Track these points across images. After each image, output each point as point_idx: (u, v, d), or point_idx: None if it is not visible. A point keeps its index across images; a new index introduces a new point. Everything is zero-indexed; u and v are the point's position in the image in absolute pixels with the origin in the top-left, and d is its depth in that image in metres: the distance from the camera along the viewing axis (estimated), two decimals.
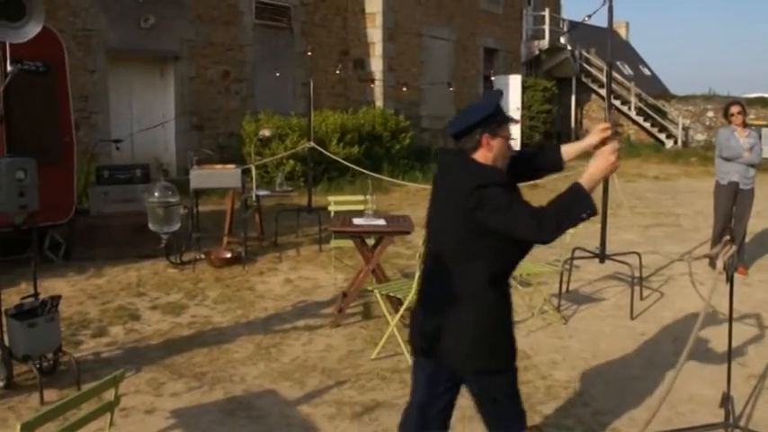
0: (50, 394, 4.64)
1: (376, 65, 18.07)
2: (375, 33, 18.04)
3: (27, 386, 4.78)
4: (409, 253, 8.72)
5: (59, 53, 8.04)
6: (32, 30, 5.22)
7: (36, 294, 5.00)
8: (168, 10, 14.01)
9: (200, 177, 8.22)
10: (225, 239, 8.94)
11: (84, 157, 10.03)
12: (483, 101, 2.95)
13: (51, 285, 7.09)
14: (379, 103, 17.88)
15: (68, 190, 8.23)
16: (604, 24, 6.71)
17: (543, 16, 24.61)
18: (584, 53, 26.55)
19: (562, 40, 25.63)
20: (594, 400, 4.65)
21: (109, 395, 2.87)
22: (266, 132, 9.80)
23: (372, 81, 17.72)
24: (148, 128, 12.97)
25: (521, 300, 6.47)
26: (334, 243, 7.42)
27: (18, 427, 2.29)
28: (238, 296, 6.96)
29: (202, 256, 8.18)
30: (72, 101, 8.45)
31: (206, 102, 14.94)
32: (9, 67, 5.01)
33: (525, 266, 6.31)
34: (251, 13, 15.78)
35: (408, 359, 5.08)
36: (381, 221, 6.27)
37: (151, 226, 7.63)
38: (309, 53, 10.47)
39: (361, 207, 6.97)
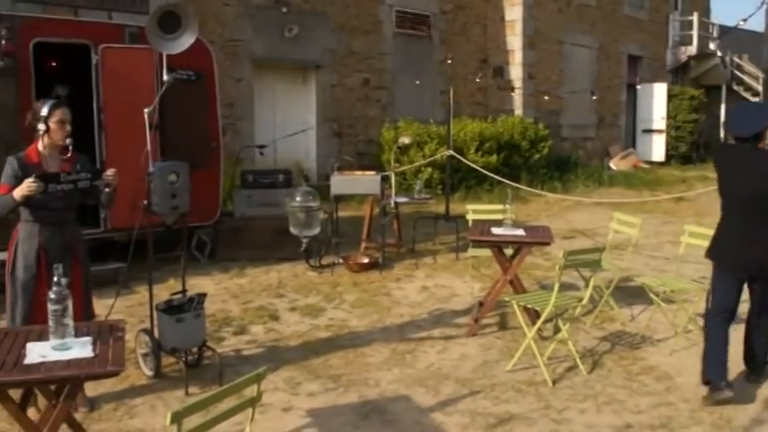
0: (194, 386, 4.85)
1: (515, 73, 17.88)
2: (515, 41, 17.85)
3: (173, 377, 5.03)
4: (547, 264, 8.54)
5: (209, 63, 8.42)
6: (187, 41, 5.48)
7: (184, 291, 5.24)
8: (311, 20, 14.40)
9: (340, 183, 8.37)
10: (363, 245, 9.07)
11: (229, 162, 10.44)
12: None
13: (197, 283, 7.41)
14: (518, 111, 17.67)
15: (215, 193, 8.60)
16: (759, 29, 6.36)
17: (691, 21, 23.47)
18: (736, 59, 25.17)
19: (711, 45, 24.38)
20: (743, 427, 4.39)
21: (250, 391, 2.96)
22: (406, 140, 9.88)
23: (512, 89, 17.54)
24: (291, 134, 13.37)
25: (663, 317, 6.19)
26: (471, 252, 7.36)
27: (168, 415, 2.41)
28: (375, 301, 7.02)
29: (341, 261, 8.32)
30: (219, 108, 8.85)
31: (346, 109, 15.24)
32: (165, 77, 5.28)
33: (669, 282, 6.04)
34: (391, 22, 15.99)
35: (545, 373, 4.99)
36: (521, 231, 6.17)
37: (292, 229, 7.89)
38: (449, 61, 10.48)
39: (499, 216, 6.88)
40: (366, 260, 8.34)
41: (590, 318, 6.42)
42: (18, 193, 4.03)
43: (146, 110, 5.09)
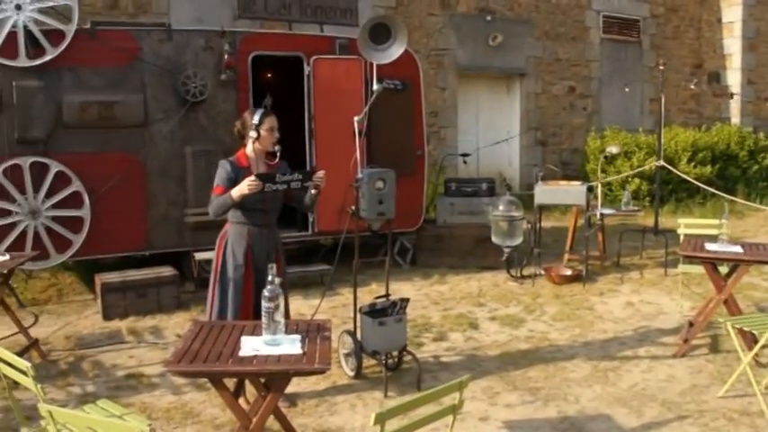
0: (392, 389, 4.94)
1: (733, 78, 16.69)
2: (733, 44, 16.67)
3: (372, 378, 5.15)
4: (766, 285, 7.90)
5: (415, 72, 8.57)
6: (396, 51, 5.64)
7: (387, 295, 5.35)
8: (515, 28, 14.29)
9: (545, 193, 8.21)
10: (566, 256, 8.86)
11: (433, 170, 10.58)
12: None
13: (399, 288, 7.57)
14: (735, 119, 16.49)
15: (419, 200, 8.73)
16: None
17: None
18: None
19: None
20: None
21: (450, 398, 2.95)
22: (613, 149, 9.54)
23: (730, 96, 16.41)
24: (494, 143, 13.34)
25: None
26: (681, 268, 6.95)
27: (373, 416, 2.45)
28: (577, 315, 6.82)
29: (542, 272, 8.17)
30: (425, 116, 8.97)
31: (550, 117, 14.97)
32: (375, 86, 5.43)
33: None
34: (598, 27, 15.50)
35: (762, 404, 4.56)
36: (738, 248, 5.73)
37: (494, 239, 7.87)
38: (661, 67, 9.98)
39: (714, 232, 6.45)
40: (569, 272, 8.13)
41: None
42: (237, 192, 4.25)
43: (356, 118, 5.26)
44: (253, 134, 4.46)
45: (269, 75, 9.42)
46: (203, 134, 7.61)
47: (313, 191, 4.45)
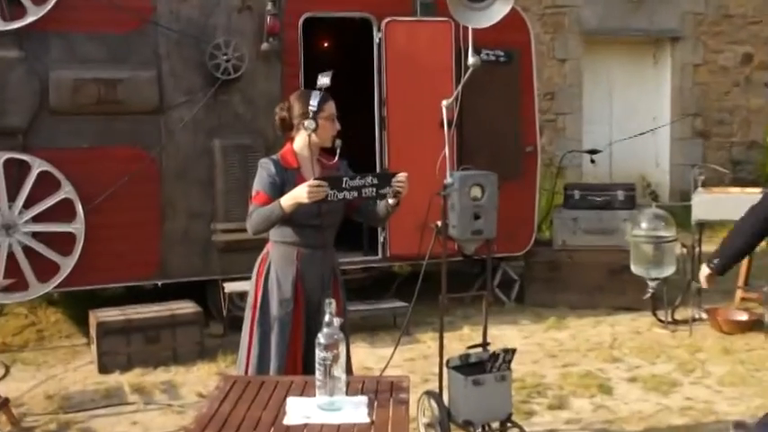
0: None
1: None
2: None
3: None
4: None
5: (524, 38, 8.57)
6: (500, 10, 5.54)
7: (485, 344, 5.32)
8: None
9: (707, 204, 8.03)
10: (738, 294, 8.63)
11: (548, 172, 10.51)
12: None
13: (500, 334, 7.54)
14: None
15: (529, 214, 8.72)
16: None
17: None
18: None
19: None
20: None
21: None
22: None
23: None
24: (634, 135, 13.15)
25: None
26: None
27: None
28: (756, 379, 6.63)
29: (704, 316, 8.01)
30: (537, 99, 8.97)
31: (715, 99, 14.68)
32: (470, 59, 5.31)
33: None
34: None
35: None
36: None
37: (634, 267, 7.75)
38: None
39: None
40: (743, 317, 7.94)
41: None
42: (290, 200, 4.20)
43: (444, 102, 5.26)
44: (309, 124, 4.39)
45: (325, 44, 9.52)
46: (238, 123, 7.73)
47: (391, 200, 4.39)
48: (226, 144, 7.68)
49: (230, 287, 7.51)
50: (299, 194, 4.16)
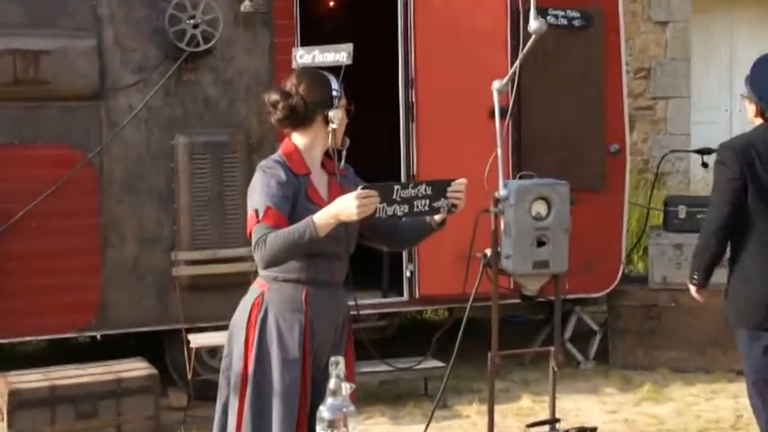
0: None
1: None
2: None
3: None
4: None
5: None
6: None
7: (554, 421, 5.21)
8: None
9: None
10: None
11: (641, 181, 10.35)
12: None
13: (575, 407, 7.46)
14: None
15: (614, 239, 8.60)
16: None
17: None
18: None
19: None
20: None
21: None
22: None
23: None
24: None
25: None
26: None
27: None
28: None
29: None
30: (625, 79, 8.86)
31: None
32: (532, 24, 5.23)
33: None
34: None
35: None
36: None
37: None
38: None
39: None
40: None
41: None
42: (329, 218, 4.08)
43: (494, 84, 5.12)
44: (335, 116, 4.33)
45: (330, 3, 9.47)
46: (209, 114, 7.67)
47: (445, 214, 4.40)
48: (192, 142, 7.60)
49: (198, 340, 7.40)
50: (343, 209, 4.06)
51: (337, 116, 4.31)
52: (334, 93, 4.34)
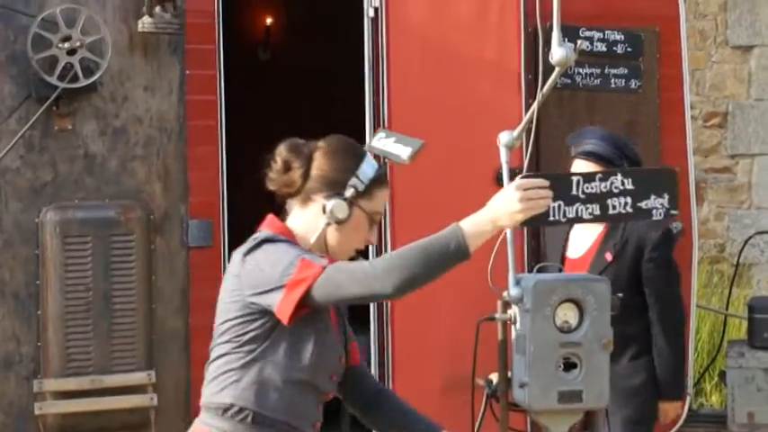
0: None
1: None
2: None
3: None
4: None
5: (668, 8, 8.63)
6: None
7: None
8: None
9: None
10: None
11: (714, 273, 10.39)
12: None
13: None
14: None
15: None
16: None
17: None
18: None
19: None
20: None
21: None
22: None
23: None
24: None
25: None
26: None
27: None
28: None
29: None
30: (690, 129, 8.88)
31: None
32: (558, 50, 5.19)
33: None
34: None
35: None
36: None
37: None
38: None
39: None
40: None
41: None
42: (483, 223, 4.10)
43: (502, 136, 5.10)
44: (338, 209, 4.19)
45: (267, 20, 9.59)
46: (92, 177, 7.67)
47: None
48: (66, 219, 7.64)
49: None
50: (501, 208, 4.12)
51: (341, 211, 4.19)
52: (360, 175, 4.24)
